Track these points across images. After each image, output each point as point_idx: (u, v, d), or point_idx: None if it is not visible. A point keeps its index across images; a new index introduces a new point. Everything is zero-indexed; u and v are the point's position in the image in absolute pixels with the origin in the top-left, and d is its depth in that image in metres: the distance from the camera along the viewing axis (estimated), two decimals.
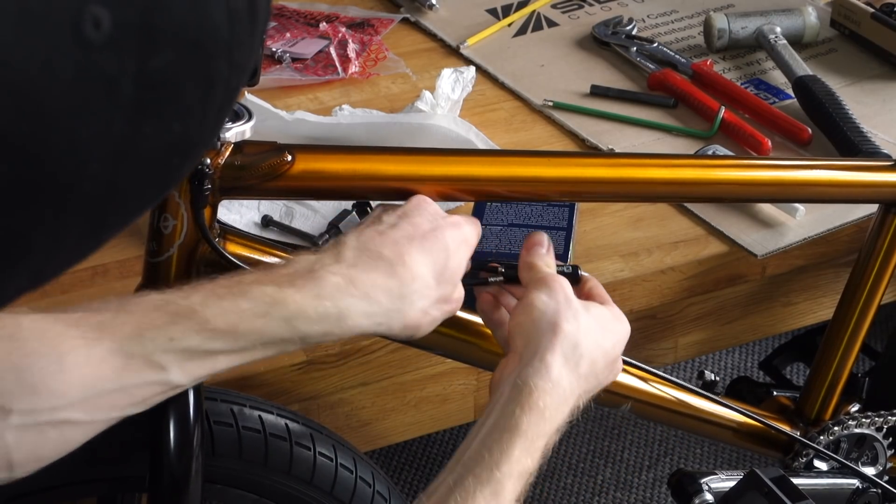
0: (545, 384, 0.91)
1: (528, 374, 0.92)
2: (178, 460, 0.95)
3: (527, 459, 0.89)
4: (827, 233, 1.40)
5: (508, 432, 0.89)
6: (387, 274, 0.90)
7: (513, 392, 0.91)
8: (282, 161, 0.94)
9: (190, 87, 0.48)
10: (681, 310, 1.38)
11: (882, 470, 1.36)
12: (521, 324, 0.97)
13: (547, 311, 0.95)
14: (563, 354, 0.93)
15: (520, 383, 0.92)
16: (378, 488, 1.14)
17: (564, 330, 0.94)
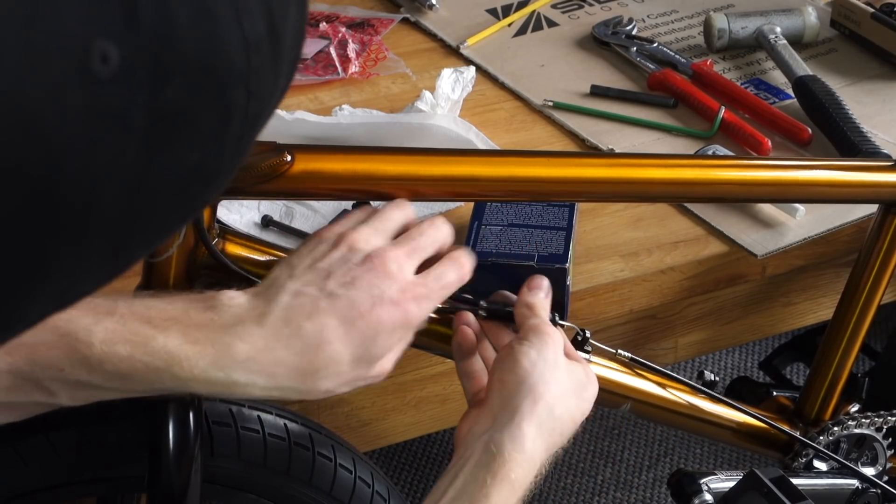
0: (518, 455, 0.89)
1: (502, 441, 0.90)
2: (178, 460, 0.95)
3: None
4: (827, 233, 1.40)
5: (476, 502, 0.87)
6: (298, 354, 0.85)
7: (484, 457, 0.89)
8: (281, 161, 0.94)
9: (204, 118, 0.48)
10: (681, 310, 1.38)
11: (882, 470, 1.36)
12: (502, 381, 0.94)
13: (532, 372, 0.93)
14: (539, 423, 0.91)
15: (493, 450, 0.89)
16: (377, 488, 1.14)
17: (545, 398, 0.92)
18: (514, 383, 0.93)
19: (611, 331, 1.33)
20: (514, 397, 0.92)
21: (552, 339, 0.96)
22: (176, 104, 0.46)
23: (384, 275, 0.88)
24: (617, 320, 1.34)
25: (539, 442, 0.91)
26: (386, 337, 0.89)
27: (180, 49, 0.45)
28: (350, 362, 0.87)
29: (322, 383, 0.87)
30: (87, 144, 0.44)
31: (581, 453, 2.14)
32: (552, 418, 0.92)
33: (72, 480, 1.02)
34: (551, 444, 0.93)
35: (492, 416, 0.92)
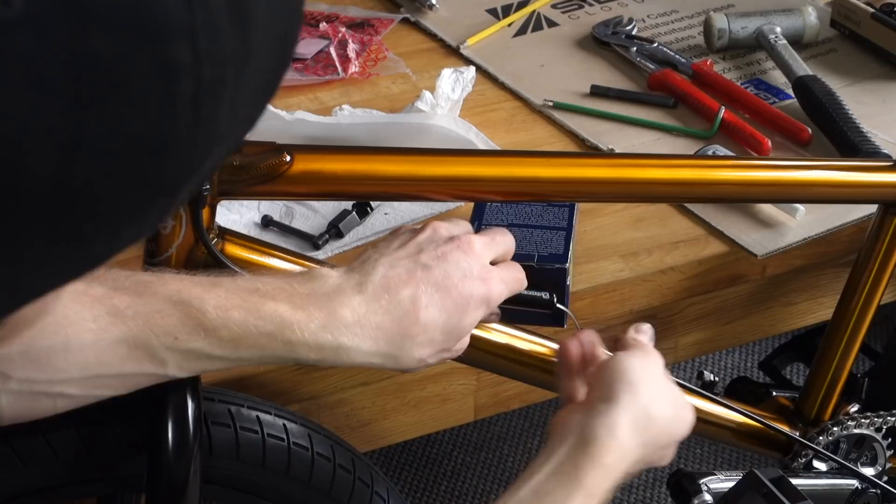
0: (612, 441, 0.91)
1: (596, 427, 0.91)
2: (177, 461, 0.95)
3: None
4: (827, 233, 1.40)
5: (569, 484, 0.88)
6: (398, 320, 0.90)
7: (578, 440, 0.91)
8: (280, 161, 0.94)
9: (140, 76, 0.43)
10: (681, 310, 1.38)
11: (881, 470, 1.36)
12: (603, 377, 0.96)
13: (634, 371, 0.95)
14: (634, 416, 0.92)
15: (588, 433, 0.91)
16: (377, 489, 1.14)
17: (641, 393, 0.94)
18: (615, 379, 0.95)
19: (611, 331, 1.32)
20: (613, 388, 0.94)
21: (656, 356, 0.99)
22: (100, 57, 0.42)
23: (471, 252, 0.94)
24: (617, 320, 1.34)
25: (633, 435, 0.92)
26: (473, 310, 0.94)
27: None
28: (442, 331, 0.92)
29: (417, 350, 0.91)
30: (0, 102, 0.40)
31: None
32: (648, 417, 0.93)
33: (71, 480, 1.01)
34: (645, 444, 0.93)
35: (590, 405, 0.94)
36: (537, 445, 2.15)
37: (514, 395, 1.35)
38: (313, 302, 0.88)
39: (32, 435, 0.96)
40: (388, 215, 1.38)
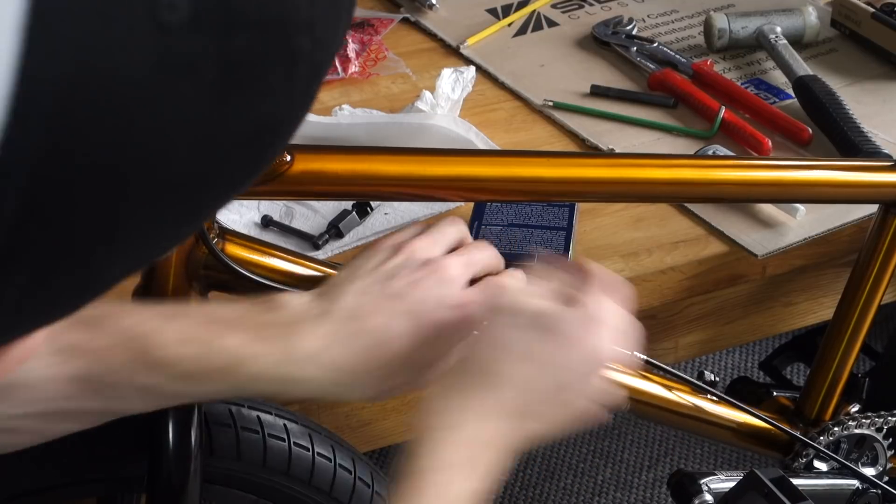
0: (456, 435, 0.83)
1: (437, 423, 0.84)
2: (177, 461, 0.95)
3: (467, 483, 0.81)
4: (827, 233, 1.39)
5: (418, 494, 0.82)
6: (363, 351, 0.86)
7: (424, 443, 0.84)
8: (281, 161, 0.94)
9: (273, 66, 0.47)
10: (681, 310, 1.38)
11: (882, 471, 1.35)
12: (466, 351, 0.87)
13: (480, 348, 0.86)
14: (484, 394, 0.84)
15: (430, 434, 0.84)
16: (377, 489, 1.14)
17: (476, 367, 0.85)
18: (465, 356, 0.87)
19: None
20: (459, 372, 0.86)
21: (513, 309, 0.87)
22: (245, 53, 0.45)
23: (447, 279, 0.90)
24: None
25: (473, 418, 0.83)
26: (445, 340, 0.89)
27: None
28: (411, 364, 0.88)
29: (383, 382, 0.88)
30: (159, 97, 0.43)
31: (581, 453, 2.14)
32: (494, 386, 0.84)
33: (72, 480, 1.01)
34: (514, 412, 0.84)
35: (443, 387, 0.86)
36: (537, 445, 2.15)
37: None
38: (273, 332, 0.85)
39: None
40: (388, 215, 1.38)
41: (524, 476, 2.08)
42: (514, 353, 0.85)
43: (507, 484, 2.07)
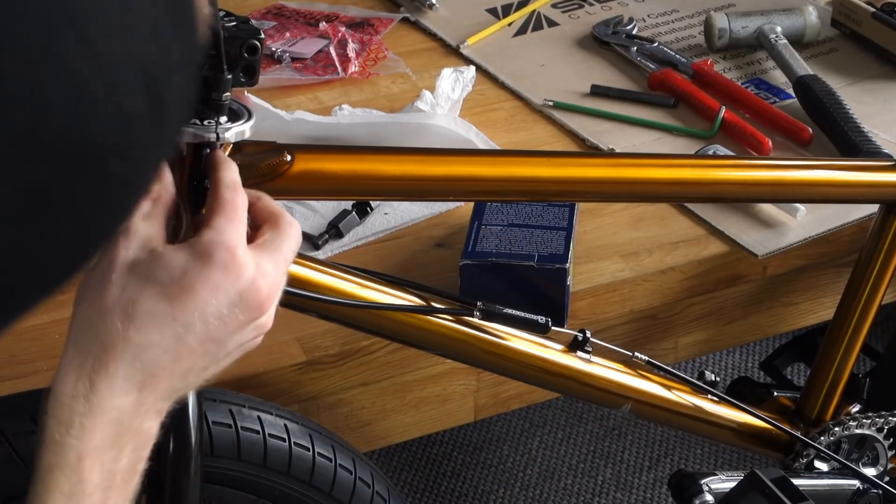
0: (53, 407, 0.74)
1: (47, 393, 0.74)
2: (177, 461, 0.95)
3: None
4: (828, 233, 1.39)
5: (38, 482, 0.74)
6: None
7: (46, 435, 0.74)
8: (281, 161, 0.94)
9: (78, 191, 0.47)
10: (681, 310, 1.38)
11: (883, 471, 1.35)
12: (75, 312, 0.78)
13: (82, 289, 0.77)
14: (76, 349, 0.76)
15: (52, 424, 0.74)
16: (377, 489, 1.14)
17: (78, 318, 0.76)
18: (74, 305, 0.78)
19: (611, 331, 1.32)
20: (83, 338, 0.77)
21: (115, 245, 0.77)
22: (46, 181, 0.46)
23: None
24: (617, 320, 1.34)
25: (119, 393, 0.75)
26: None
27: (51, 129, 0.45)
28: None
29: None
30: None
31: (581, 454, 2.14)
32: (102, 338, 0.75)
33: None
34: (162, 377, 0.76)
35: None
36: (537, 445, 2.15)
37: (514, 395, 1.35)
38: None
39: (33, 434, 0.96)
40: (387, 215, 1.38)
41: (524, 476, 2.08)
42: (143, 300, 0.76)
43: (507, 484, 2.07)
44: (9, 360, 1.19)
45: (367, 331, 1.07)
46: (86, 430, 0.73)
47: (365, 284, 1.02)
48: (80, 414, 0.73)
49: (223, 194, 0.81)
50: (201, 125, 0.85)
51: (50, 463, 0.73)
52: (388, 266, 1.31)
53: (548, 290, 1.24)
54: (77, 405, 0.74)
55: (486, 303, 1.05)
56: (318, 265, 1.00)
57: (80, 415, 0.73)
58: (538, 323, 1.08)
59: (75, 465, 0.73)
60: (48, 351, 1.20)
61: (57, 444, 0.73)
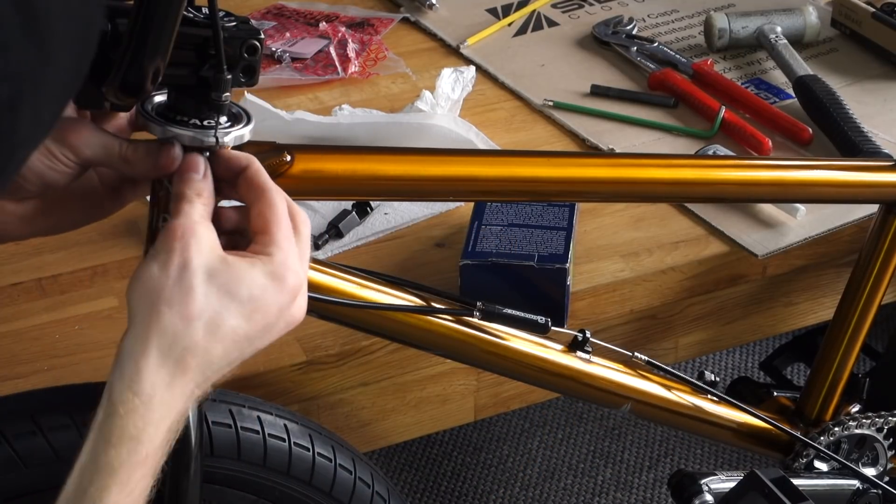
0: (133, 401, 0.76)
1: (117, 391, 0.76)
2: (176, 461, 0.95)
3: (125, 498, 0.75)
4: (827, 233, 1.39)
5: (100, 474, 0.75)
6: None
7: (104, 417, 0.76)
8: (281, 161, 0.94)
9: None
10: (681, 310, 1.38)
11: (882, 471, 1.35)
12: (131, 293, 0.79)
13: (152, 289, 0.77)
14: (160, 353, 0.77)
15: (108, 406, 0.76)
16: (377, 489, 1.14)
17: (162, 322, 0.77)
18: (136, 300, 0.78)
19: (611, 331, 1.33)
20: (134, 322, 0.78)
21: (184, 245, 0.78)
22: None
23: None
24: (617, 320, 1.34)
25: (160, 379, 0.77)
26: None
27: None
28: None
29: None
30: None
31: (581, 454, 2.14)
32: (178, 346, 0.77)
33: None
34: (195, 370, 0.78)
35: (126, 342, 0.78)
36: (537, 445, 2.15)
37: (514, 395, 1.35)
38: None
39: (34, 435, 0.96)
40: (387, 215, 1.38)
41: (524, 476, 2.08)
42: (188, 297, 0.78)
43: (507, 484, 2.07)
44: (9, 359, 1.20)
45: (368, 331, 1.07)
46: (159, 429, 0.77)
47: (365, 285, 1.02)
48: (159, 414, 0.77)
49: (276, 203, 0.83)
50: (201, 126, 0.85)
51: (120, 457, 0.75)
52: (388, 266, 1.31)
53: (548, 290, 1.24)
54: (156, 405, 0.76)
55: (486, 303, 1.05)
56: (319, 265, 1.00)
57: (159, 415, 0.77)
58: (538, 323, 1.08)
59: (143, 460, 0.76)
60: (48, 351, 1.21)
61: (132, 439, 0.75)
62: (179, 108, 0.85)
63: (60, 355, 1.21)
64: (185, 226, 0.79)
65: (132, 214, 1.36)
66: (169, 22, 0.77)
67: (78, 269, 1.31)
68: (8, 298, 1.27)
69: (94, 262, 1.32)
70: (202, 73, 0.83)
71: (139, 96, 0.81)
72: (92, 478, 0.75)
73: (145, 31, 0.77)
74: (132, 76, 0.78)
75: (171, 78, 0.82)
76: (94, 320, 1.25)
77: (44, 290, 1.29)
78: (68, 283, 1.29)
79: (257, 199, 0.83)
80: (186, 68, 0.83)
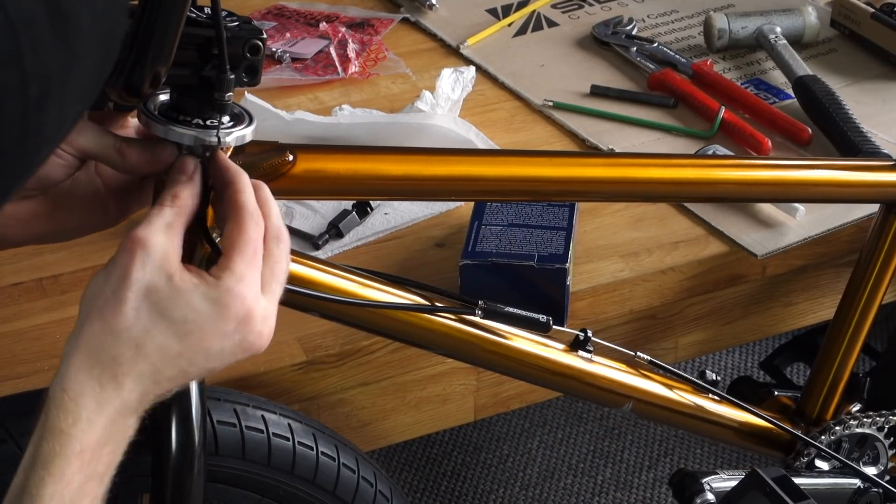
0: (62, 397, 0.77)
1: (51, 388, 0.78)
2: (181, 460, 0.95)
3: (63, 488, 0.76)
4: (827, 233, 1.40)
5: (36, 466, 0.76)
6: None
7: (42, 413, 0.78)
8: (283, 161, 0.94)
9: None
10: (681, 310, 1.38)
11: (883, 470, 1.36)
12: (83, 295, 0.81)
13: (91, 296, 0.79)
14: (88, 357, 0.78)
15: (46, 402, 0.78)
16: (380, 488, 1.14)
17: (92, 328, 0.78)
18: (83, 303, 0.80)
19: (611, 331, 1.33)
20: (77, 324, 0.79)
21: (132, 257, 0.79)
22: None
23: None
24: (617, 320, 1.34)
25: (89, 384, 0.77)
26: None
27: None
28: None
29: None
30: None
31: (581, 453, 2.14)
32: (107, 354, 0.78)
33: None
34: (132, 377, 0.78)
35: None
36: (537, 445, 2.15)
37: (514, 395, 1.35)
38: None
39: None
40: (387, 215, 1.38)
41: (524, 476, 2.08)
42: (145, 319, 0.79)
43: (507, 484, 2.07)
44: (9, 359, 1.20)
45: (369, 330, 1.07)
46: (91, 425, 0.77)
47: (366, 284, 1.02)
48: (89, 410, 0.77)
49: (246, 227, 0.82)
50: (204, 125, 0.85)
51: (53, 450, 0.76)
52: (388, 266, 1.31)
53: (548, 290, 1.24)
54: (86, 401, 0.77)
55: (488, 301, 1.06)
56: (320, 264, 1.00)
57: (89, 411, 0.77)
58: (539, 321, 1.08)
59: (77, 454, 0.76)
60: (48, 351, 1.21)
61: (62, 433, 0.76)
62: (182, 107, 0.85)
63: (60, 355, 1.20)
64: (138, 238, 0.79)
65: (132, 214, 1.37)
66: (173, 23, 0.78)
67: (79, 269, 1.31)
68: (8, 298, 1.27)
69: (94, 262, 1.32)
70: (205, 72, 0.83)
71: (142, 97, 0.81)
72: (30, 471, 0.76)
73: (149, 32, 0.77)
74: (136, 77, 0.78)
75: (174, 77, 0.82)
76: None
77: (44, 289, 1.29)
78: (69, 283, 1.29)
79: (230, 217, 0.83)
80: (189, 68, 0.83)
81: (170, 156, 0.85)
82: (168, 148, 0.85)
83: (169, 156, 0.85)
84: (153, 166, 0.85)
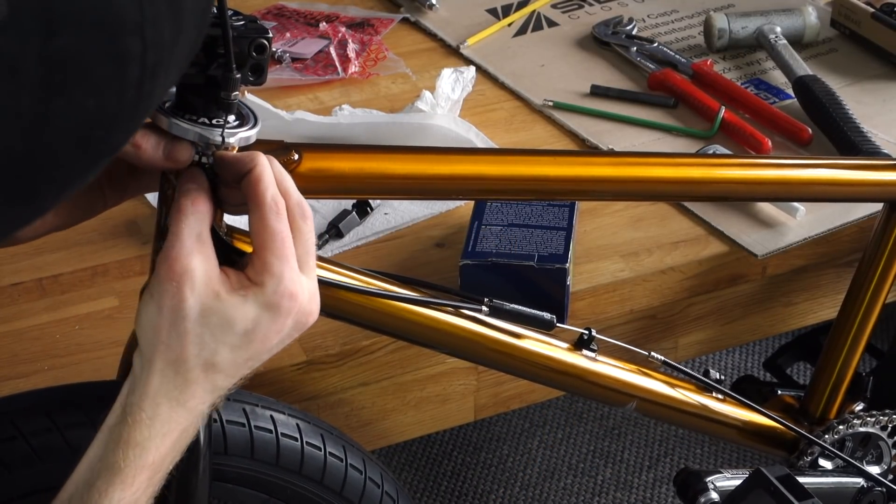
0: (140, 415, 0.81)
1: (128, 403, 0.82)
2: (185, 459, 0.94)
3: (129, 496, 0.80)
4: (827, 233, 1.40)
5: (107, 471, 0.80)
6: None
7: (115, 421, 0.82)
8: (289, 160, 0.94)
9: (98, 66, 0.51)
10: (681, 310, 1.38)
11: (887, 469, 1.36)
12: (137, 321, 0.84)
13: (151, 329, 0.82)
14: (163, 381, 0.81)
15: (120, 413, 0.82)
16: (387, 489, 1.14)
17: (163, 359, 0.82)
18: (140, 330, 0.83)
19: (611, 331, 1.32)
20: (143, 347, 0.83)
21: (176, 287, 0.81)
22: (66, 53, 0.49)
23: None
24: (617, 320, 1.34)
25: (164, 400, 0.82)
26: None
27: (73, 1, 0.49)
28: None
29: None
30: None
31: (581, 453, 2.14)
32: (179, 372, 0.82)
33: None
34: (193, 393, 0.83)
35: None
36: (537, 445, 2.15)
37: (514, 395, 1.35)
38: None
39: (50, 432, 0.96)
40: (387, 215, 1.38)
41: (524, 476, 2.08)
42: (185, 332, 0.82)
43: (507, 484, 2.07)
44: (10, 359, 1.19)
45: (374, 328, 1.07)
46: (165, 440, 0.82)
47: (371, 282, 1.02)
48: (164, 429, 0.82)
49: (269, 221, 0.84)
50: (209, 124, 0.85)
51: (127, 458, 0.81)
52: (389, 266, 1.31)
53: (548, 290, 1.24)
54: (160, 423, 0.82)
55: (492, 299, 1.06)
56: (325, 262, 1.00)
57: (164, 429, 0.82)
58: (543, 319, 1.08)
59: (149, 465, 0.81)
60: (48, 351, 1.21)
61: (137, 445, 0.81)
62: (188, 106, 0.85)
63: (61, 355, 1.21)
64: (180, 265, 0.81)
65: (132, 214, 1.37)
66: None
67: (78, 269, 1.31)
68: (8, 298, 1.27)
69: (94, 261, 1.32)
70: (210, 71, 0.83)
71: None
72: (99, 473, 0.80)
73: None
74: None
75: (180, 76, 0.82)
76: (95, 320, 1.25)
77: (44, 289, 1.28)
78: (69, 283, 1.29)
79: (252, 211, 0.85)
80: (195, 67, 0.83)
81: (187, 154, 0.85)
82: (185, 146, 0.85)
83: (185, 154, 0.85)
84: (167, 163, 0.85)
